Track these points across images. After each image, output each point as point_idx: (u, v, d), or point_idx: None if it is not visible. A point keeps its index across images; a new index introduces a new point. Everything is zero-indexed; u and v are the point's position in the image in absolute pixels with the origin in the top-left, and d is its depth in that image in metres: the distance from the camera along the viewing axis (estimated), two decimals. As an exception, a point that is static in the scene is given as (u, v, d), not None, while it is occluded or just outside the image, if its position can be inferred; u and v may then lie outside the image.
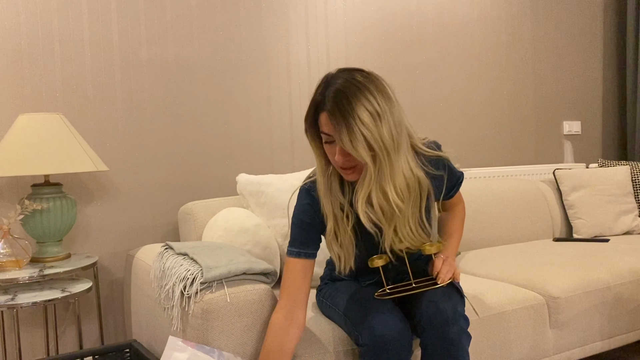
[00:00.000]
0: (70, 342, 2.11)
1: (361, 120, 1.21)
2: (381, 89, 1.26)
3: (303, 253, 1.41)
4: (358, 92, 1.23)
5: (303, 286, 1.40)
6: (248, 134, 2.45)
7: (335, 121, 1.22)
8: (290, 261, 1.41)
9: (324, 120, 1.27)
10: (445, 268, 1.42)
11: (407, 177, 1.31)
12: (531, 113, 3.32)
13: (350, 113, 1.21)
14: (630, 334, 2.07)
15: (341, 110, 1.21)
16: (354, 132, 1.21)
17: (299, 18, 2.56)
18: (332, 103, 1.23)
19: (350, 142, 1.22)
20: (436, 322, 1.34)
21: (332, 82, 1.26)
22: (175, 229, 2.29)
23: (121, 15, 2.18)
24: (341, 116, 1.21)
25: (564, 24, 3.42)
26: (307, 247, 1.41)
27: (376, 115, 1.23)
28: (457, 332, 1.33)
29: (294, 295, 1.38)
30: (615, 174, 2.83)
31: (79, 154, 1.86)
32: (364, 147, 1.22)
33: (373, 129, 1.22)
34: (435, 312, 1.35)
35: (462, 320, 1.36)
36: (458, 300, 1.40)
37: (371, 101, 1.23)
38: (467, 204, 2.57)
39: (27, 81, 2.03)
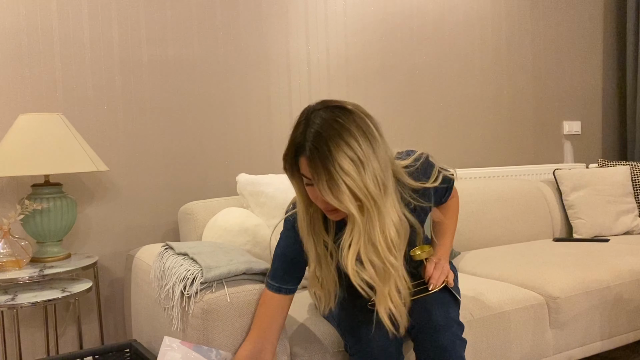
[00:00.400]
0: (70, 342, 2.11)
1: (342, 169, 1.11)
2: (364, 129, 1.15)
3: (284, 289, 1.34)
4: (338, 136, 1.12)
5: (277, 322, 1.34)
6: (248, 134, 2.45)
7: (315, 169, 1.13)
8: (268, 294, 1.35)
9: (305, 166, 1.17)
10: (437, 273, 1.39)
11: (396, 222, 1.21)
12: (531, 113, 3.32)
13: (330, 161, 1.11)
14: (630, 334, 2.07)
15: (321, 158, 1.11)
16: (336, 182, 1.11)
17: (299, 18, 2.56)
18: (311, 148, 1.13)
19: (332, 193, 1.12)
20: (428, 329, 1.32)
21: (312, 122, 1.16)
22: (175, 229, 2.29)
23: (121, 15, 2.18)
24: (321, 164, 1.12)
25: (564, 24, 3.42)
26: (288, 282, 1.35)
27: (359, 162, 1.12)
28: (449, 339, 1.31)
29: (266, 330, 1.33)
30: (615, 174, 2.83)
31: (79, 154, 1.85)
32: (348, 198, 1.12)
33: (356, 178, 1.12)
34: (426, 319, 1.33)
35: (455, 326, 1.34)
36: (451, 306, 1.37)
37: (353, 146, 1.12)
38: (467, 204, 2.57)
39: (27, 81, 2.03)
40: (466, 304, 1.72)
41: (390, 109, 2.81)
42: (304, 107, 1.23)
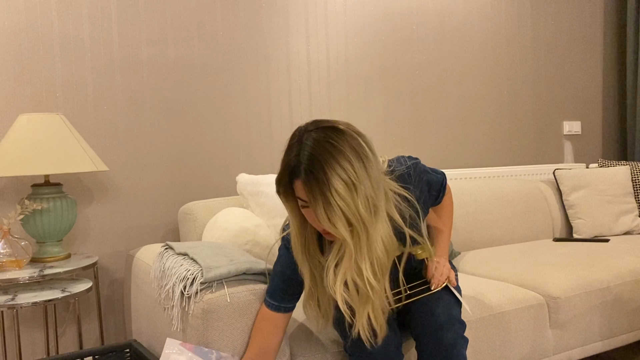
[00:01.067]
0: (70, 342, 2.11)
1: (338, 193, 1.12)
2: (357, 149, 1.16)
3: (282, 307, 1.35)
4: (332, 159, 1.13)
5: (275, 340, 1.35)
6: (248, 134, 2.45)
7: (311, 194, 1.13)
8: (267, 312, 1.35)
9: (300, 189, 1.17)
10: (439, 272, 1.40)
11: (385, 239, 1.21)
12: (531, 113, 3.32)
13: (327, 186, 1.11)
14: (630, 334, 2.07)
15: (318, 183, 1.12)
16: (331, 205, 1.12)
17: (299, 18, 2.56)
18: (307, 172, 1.13)
19: (328, 218, 1.13)
20: (430, 327, 1.33)
21: (304, 144, 1.16)
22: (175, 229, 2.29)
23: (121, 15, 2.18)
24: (317, 188, 1.12)
25: (564, 24, 3.42)
26: (287, 301, 1.36)
27: (352, 185, 1.13)
28: (452, 337, 1.32)
29: (264, 348, 1.34)
30: (615, 174, 2.83)
31: (79, 154, 1.85)
32: (342, 222, 1.13)
33: (349, 202, 1.12)
34: (429, 317, 1.33)
35: (457, 324, 1.34)
36: (453, 305, 1.38)
37: (346, 169, 1.13)
38: (467, 204, 2.57)
39: (27, 81, 2.03)
40: (466, 304, 1.72)
41: (390, 109, 2.81)
42: (297, 127, 1.23)
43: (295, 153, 1.18)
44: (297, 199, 1.21)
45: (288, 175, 1.19)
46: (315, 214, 1.14)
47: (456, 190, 2.59)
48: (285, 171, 1.19)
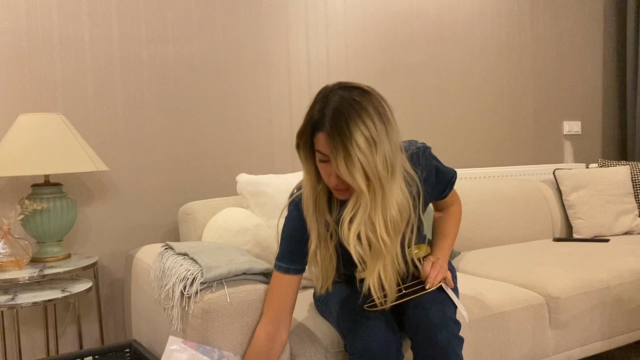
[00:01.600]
0: (70, 342, 2.11)
1: (359, 146, 1.17)
2: (380, 111, 1.21)
3: (292, 269, 1.38)
4: (356, 114, 1.18)
5: (288, 302, 1.38)
6: (248, 134, 2.45)
7: (333, 144, 1.18)
8: (277, 276, 1.38)
9: (322, 141, 1.22)
10: (435, 271, 1.40)
11: (400, 203, 1.25)
12: (531, 113, 3.32)
13: (348, 138, 1.17)
14: (630, 334, 2.07)
15: (340, 134, 1.17)
16: (351, 157, 1.17)
17: (299, 18, 2.56)
18: (331, 124, 1.19)
19: (347, 168, 1.18)
20: (424, 327, 1.33)
21: (331, 100, 1.21)
22: (175, 229, 2.29)
23: (121, 15, 2.18)
24: (339, 140, 1.17)
25: (564, 24, 3.42)
26: (296, 262, 1.38)
27: (372, 142, 1.18)
28: (446, 337, 1.32)
29: (279, 311, 1.37)
30: (615, 174, 2.83)
31: (79, 154, 1.86)
32: (360, 175, 1.18)
33: (369, 157, 1.17)
34: (423, 317, 1.34)
35: (451, 324, 1.34)
36: (447, 304, 1.37)
37: (368, 126, 1.18)
38: (467, 204, 2.57)
39: (27, 81, 2.03)
40: (466, 304, 1.72)
41: (390, 109, 2.80)
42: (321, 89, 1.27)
43: (319, 107, 1.23)
44: (316, 153, 1.25)
45: (311, 127, 1.24)
46: (336, 165, 1.19)
47: (457, 190, 2.59)
48: (308, 124, 1.25)
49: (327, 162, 1.24)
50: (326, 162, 1.24)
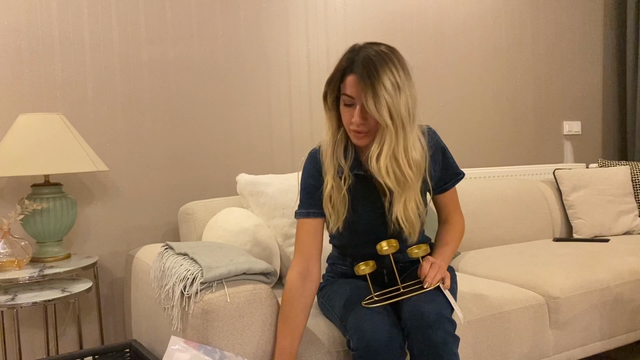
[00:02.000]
0: (70, 342, 2.11)
1: (385, 87, 1.32)
2: (403, 65, 1.39)
3: (312, 213, 1.48)
4: (384, 62, 1.35)
5: (314, 244, 1.47)
6: (248, 134, 2.45)
7: (362, 84, 1.33)
8: (300, 222, 1.49)
9: (351, 83, 1.37)
10: (433, 272, 1.43)
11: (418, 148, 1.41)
12: (531, 113, 3.32)
13: (376, 79, 1.32)
14: (630, 334, 2.07)
15: (369, 76, 1.33)
16: (378, 96, 1.32)
17: (299, 18, 2.56)
18: (361, 68, 1.34)
19: (375, 106, 1.32)
20: (420, 326, 1.34)
21: (361, 51, 1.39)
22: (175, 229, 2.29)
23: (121, 15, 2.18)
24: (369, 80, 1.32)
25: (564, 24, 3.42)
26: (315, 207, 1.48)
27: (397, 87, 1.34)
28: (442, 336, 1.33)
29: (307, 252, 1.46)
30: (615, 174, 2.83)
31: (79, 154, 1.86)
32: (386, 112, 1.33)
33: (394, 98, 1.33)
34: (418, 316, 1.34)
35: (447, 323, 1.35)
36: (443, 304, 1.38)
37: (394, 73, 1.34)
38: (467, 204, 2.57)
39: (27, 81, 2.03)
40: (466, 304, 1.72)
41: (390, 109, 2.81)
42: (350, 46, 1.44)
43: (349, 57, 1.40)
44: (343, 97, 1.40)
45: (342, 72, 1.40)
46: (365, 102, 1.33)
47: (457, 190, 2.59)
48: (338, 70, 1.41)
49: (351, 105, 1.39)
50: (351, 105, 1.39)
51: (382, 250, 1.44)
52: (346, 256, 1.63)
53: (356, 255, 1.60)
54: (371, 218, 1.51)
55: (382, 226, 1.52)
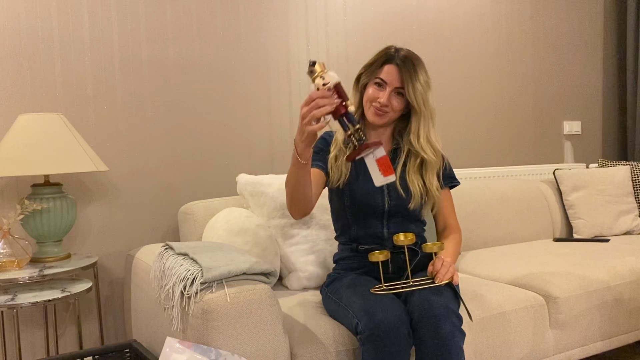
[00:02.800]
0: (70, 342, 2.11)
1: (419, 80, 1.61)
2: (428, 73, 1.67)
3: (315, 164, 1.67)
4: (420, 62, 1.65)
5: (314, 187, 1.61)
6: (248, 134, 2.45)
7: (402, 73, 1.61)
8: None
9: (388, 70, 1.62)
10: (444, 269, 1.47)
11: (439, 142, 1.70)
12: (531, 113, 3.32)
13: (414, 72, 1.61)
14: (630, 334, 2.07)
15: (408, 69, 1.61)
16: (415, 86, 1.60)
17: (299, 18, 2.56)
18: (401, 61, 1.62)
19: (413, 92, 1.60)
20: (428, 318, 1.36)
21: (399, 49, 1.66)
22: (175, 229, 2.29)
23: (121, 15, 2.18)
24: (408, 72, 1.60)
25: (564, 24, 3.42)
26: (320, 161, 1.69)
27: (427, 83, 1.63)
28: (449, 328, 1.35)
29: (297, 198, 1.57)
30: (615, 174, 2.83)
31: (79, 154, 1.85)
32: (421, 99, 1.61)
33: (425, 90, 1.63)
34: (427, 308, 1.37)
35: (454, 317, 1.38)
36: (451, 298, 1.43)
37: (426, 73, 1.64)
38: (467, 204, 2.57)
39: (27, 81, 2.03)
40: (466, 304, 1.71)
41: (390, 109, 2.81)
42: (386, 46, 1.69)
43: (393, 50, 1.66)
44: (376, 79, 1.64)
45: (384, 59, 1.64)
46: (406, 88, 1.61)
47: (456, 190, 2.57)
48: (380, 57, 1.65)
49: (382, 87, 1.64)
50: (381, 87, 1.64)
51: (399, 240, 1.48)
52: (352, 242, 1.70)
53: (360, 237, 1.69)
54: (369, 187, 1.63)
55: (379, 196, 1.66)
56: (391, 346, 1.33)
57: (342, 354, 1.48)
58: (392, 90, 1.62)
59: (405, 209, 1.66)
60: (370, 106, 1.65)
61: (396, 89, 1.62)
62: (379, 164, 1.35)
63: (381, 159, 1.35)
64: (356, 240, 1.70)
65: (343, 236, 1.76)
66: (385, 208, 1.66)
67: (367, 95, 1.66)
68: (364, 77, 1.68)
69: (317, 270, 1.94)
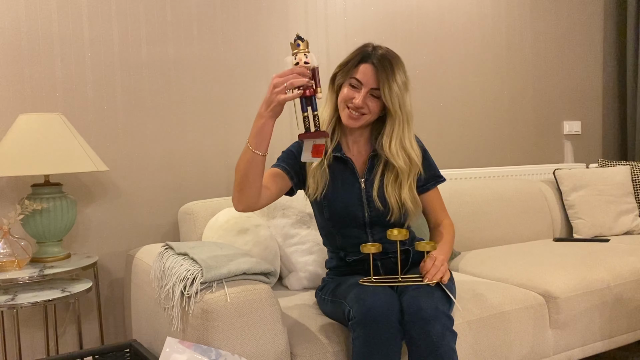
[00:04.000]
0: (70, 342, 2.11)
1: (396, 82, 1.53)
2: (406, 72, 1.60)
3: (278, 164, 1.62)
4: (397, 61, 1.56)
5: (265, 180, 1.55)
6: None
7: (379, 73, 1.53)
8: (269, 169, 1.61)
9: (364, 70, 1.55)
10: (435, 269, 1.47)
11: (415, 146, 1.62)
12: (531, 113, 3.32)
13: (391, 72, 1.53)
14: (630, 334, 2.07)
15: (385, 68, 1.53)
16: (391, 87, 1.52)
17: (299, 18, 2.56)
18: (378, 60, 1.54)
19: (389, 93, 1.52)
20: (418, 319, 1.37)
21: (376, 48, 1.58)
22: (175, 229, 2.29)
23: (121, 15, 2.18)
24: (384, 72, 1.52)
25: (564, 23, 3.42)
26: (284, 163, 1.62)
27: (404, 85, 1.56)
28: (439, 330, 1.35)
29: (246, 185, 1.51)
30: (615, 174, 2.83)
31: (79, 154, 1.86)
32: (397, 101, 1.53)
33: (402, 92, 1.55)
34: (416, 309, 1.38)
35: (444, 318, 1.38)
36: (441, 299, 1.43)
37: (404, 73, 1.57)
38: (467, 204, 2.57)
39: (27, 81, 2.03)
40: (466, 304, 1.72)
41: (390, 109, 2.81)
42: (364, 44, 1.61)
43: (365, 50, 1.57)
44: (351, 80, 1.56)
45: (359, 58, 1.56)
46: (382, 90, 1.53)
47: (456, 190, 2.59)
48: (356, 56, 1.57)
49: (356, 88, 1.56)
50: (356, 88, 1.56)
51: (392, 235, 1.50)
52: (339, 250, 1.69)
53: (346, 246, 1.66)
54: (348, 197, 1.61)
55: (359, 208, 1.61)
56: (382, 332, 1.35)
57: (341, 353, 1.48)
58: (368, 91, 1.55)
59: (386, 220, 1.61)
60: (344, 107, 1.58)
61: (372, 90, 1.55)
62: (314, 147, 1.43)
63: (318, 145, 1.43)
64: (343, 249, 1.68)
65: (330, 245, 1.73)
66: (365, 219, 1.63)
67: (342, 96, 1.58)
68: (339, 76, 1.60)
69: (317, 270, 1.94)
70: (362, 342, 1.36)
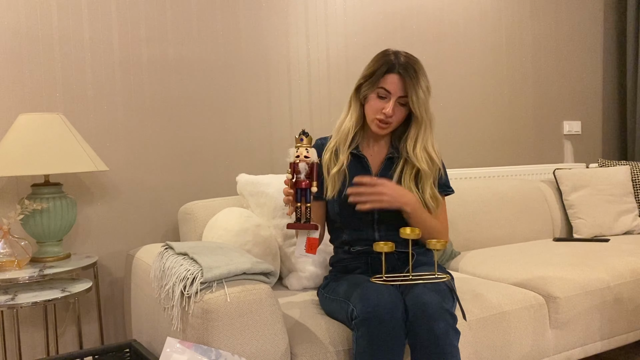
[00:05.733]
0: (70, 342, 2.11)
1: (421, 87, 1.59)
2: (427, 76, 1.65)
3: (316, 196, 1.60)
4: (420, 68, 1.61)
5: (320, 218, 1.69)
6: (248, 134, 2.45)
7: (406, 83, 1.58)
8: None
9: (392, 80, 1.59)
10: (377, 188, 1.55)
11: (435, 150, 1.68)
12: (531, 113, 3.32)
13: (417, 80, 1.58)
14: (630, 334, 2.07)
15: (411, 77, 1.58)
16: (418, 94, 1.58)
17: (299, 18, 2.56)
18: (404, 70, 1.58)
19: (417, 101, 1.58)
20: (422, 317, 1.38)
21: (400, 54, 1.62)
22: (175, 229, 2.29)
23: (121, 15, 2.18)
24: (411, 81, 1.58)
25: (564, 24, 3.42)
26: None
27: (427, 90, 1.62)
28: (443, 327, 1.36)
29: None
30: (615, 174, 2.83)
31: (79, 154, 1.86)
32: (423, 107, 1.60)
33: (427, 97, 1.61)
34: (420, 307, 1.39)
35: (448, 316, 1.39)
36: (445, 297, 1.44)
37: (427, 79, 1.62)
38: (467, 204, 2.57)
39: (27, 81, 2.03)
40: (466, 304, 1.72)
41: (390, 109, 2.80)
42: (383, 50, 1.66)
43: (393, 57, 1.61)
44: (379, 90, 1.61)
45: (385, 68, 1.60)
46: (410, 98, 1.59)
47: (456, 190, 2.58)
48: (381, 66, 1.60)
49: (384, 98, 1.61)
50: (383, 98, 1.61)
51: (405, 234, 1.51)
52: (345, 244, 1.71)
53: (353, 241, 1.69)
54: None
55: None
56: (386, 330, 1.35)
57: (342, 353, 1.48)
58: (396, 99, 1.61)
59: (396, 217, 1.62)
60: (374, 118, 1.64)
61: (399, 98, 1.61)
62: (308, 241, 1.47)
63: (312, 239, 1.47)
64: (349, 244, 1.71)
65: (336, 240, 1.77)
66: (375, 216, 1.66)
67: (371, 108, 1.64)
68: (365, 87, 1.64)
69: (317, 270, 1.94)
70: (366, 340, 1.36)
